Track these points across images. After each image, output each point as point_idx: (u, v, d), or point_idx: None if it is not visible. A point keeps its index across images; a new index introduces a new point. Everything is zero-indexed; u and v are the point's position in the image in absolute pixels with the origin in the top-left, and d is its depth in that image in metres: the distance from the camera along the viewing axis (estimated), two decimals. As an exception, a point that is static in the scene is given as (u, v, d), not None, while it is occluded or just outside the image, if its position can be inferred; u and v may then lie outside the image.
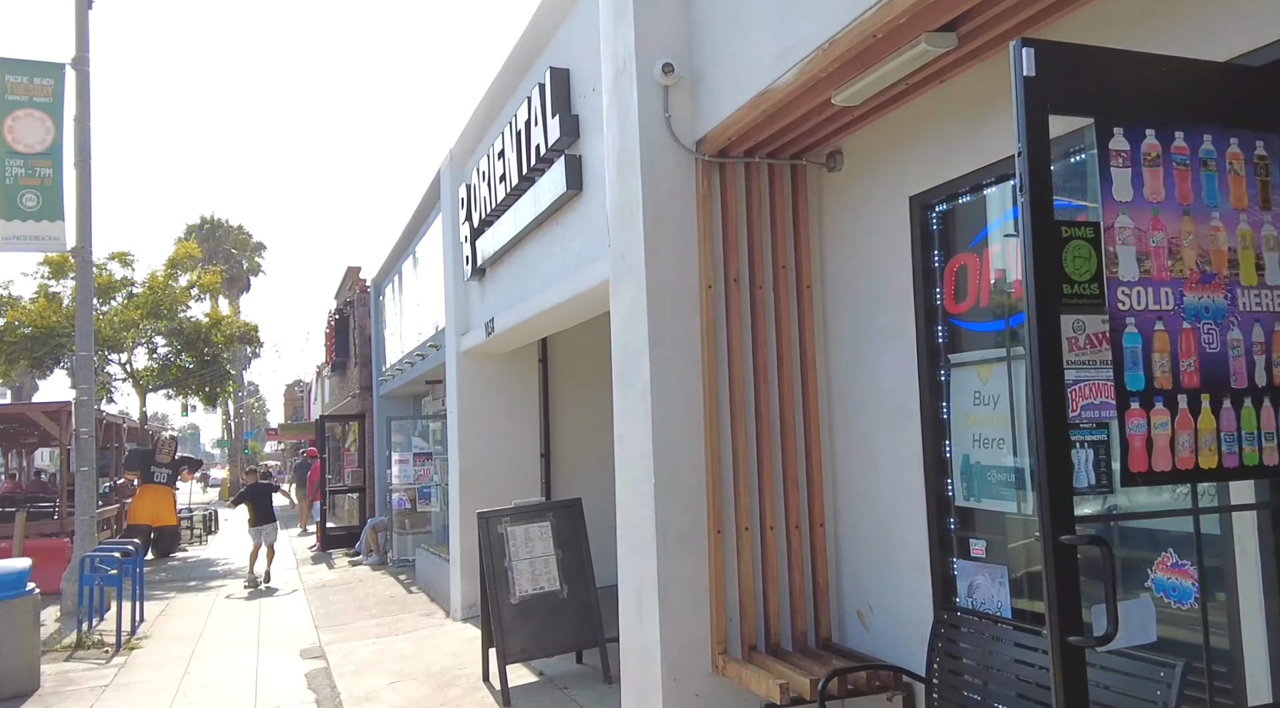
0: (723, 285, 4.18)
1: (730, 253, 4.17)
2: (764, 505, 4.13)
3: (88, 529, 11.51)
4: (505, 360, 9.70)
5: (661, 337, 4.10)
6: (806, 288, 4.29)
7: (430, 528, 14.40)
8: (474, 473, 9.53)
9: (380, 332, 17.17)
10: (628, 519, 4.34)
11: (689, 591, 4.00)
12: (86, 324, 12.08)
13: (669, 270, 4.13)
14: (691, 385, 4.11)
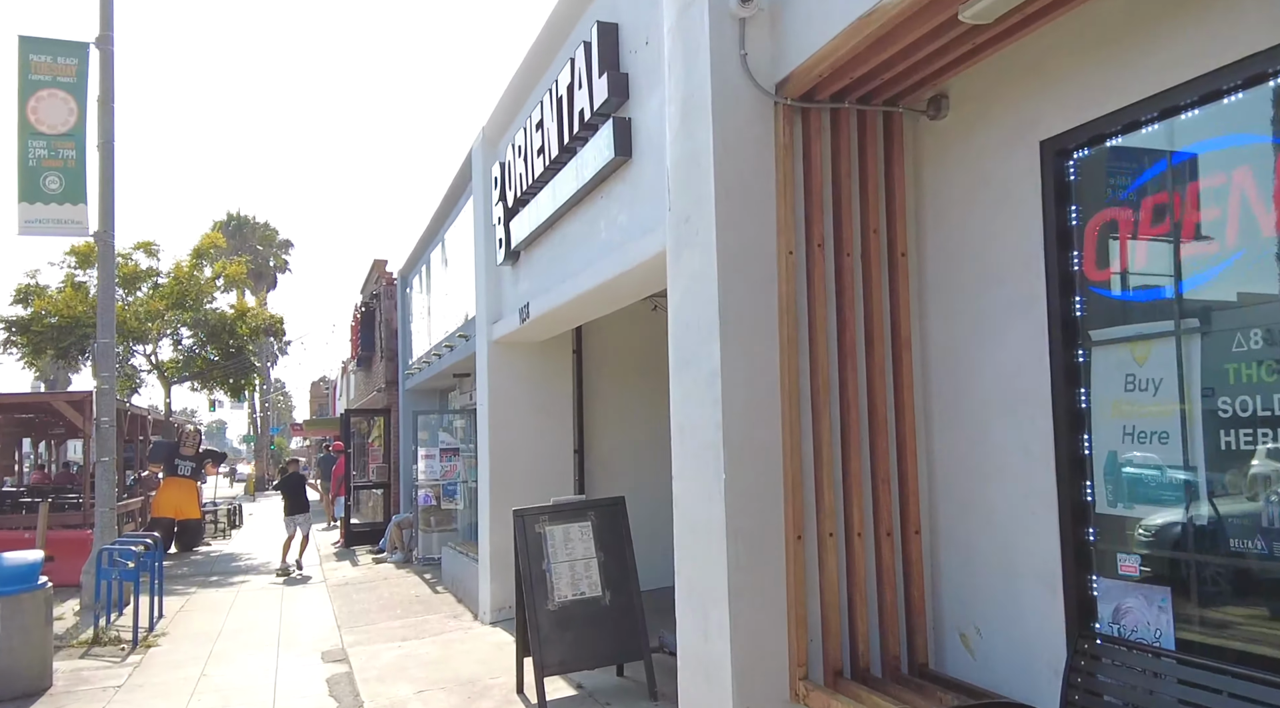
0: (804, 252, 3.61)
1: (814, 214, 3.60)
2: (850, 509, 3.56)
3: (107, 522, 11.14)
4: (538, 350, 9.19)
5: (734, 312, 3.54)
6: (901, 255, 3.71)
7: (456, 526, 13.94)
8: (504, 469, 9.02)
9: (407, 325, 16.75)
10: (690, 520, 3.79)
11: (764, 605, 3.44)
12: (108, 311, 11.72)
13: (743, 234, 3.57)
14: (768, 369, 3.55)
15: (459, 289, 11.54)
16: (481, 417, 9.27)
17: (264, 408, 49.69)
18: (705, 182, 3.65)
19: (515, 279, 8.50)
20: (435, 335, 13.82)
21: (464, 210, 10.84)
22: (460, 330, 11.02)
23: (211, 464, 18.69)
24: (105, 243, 11.58)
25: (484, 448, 9.13)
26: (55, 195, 11.43)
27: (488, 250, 9.08)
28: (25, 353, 16.76)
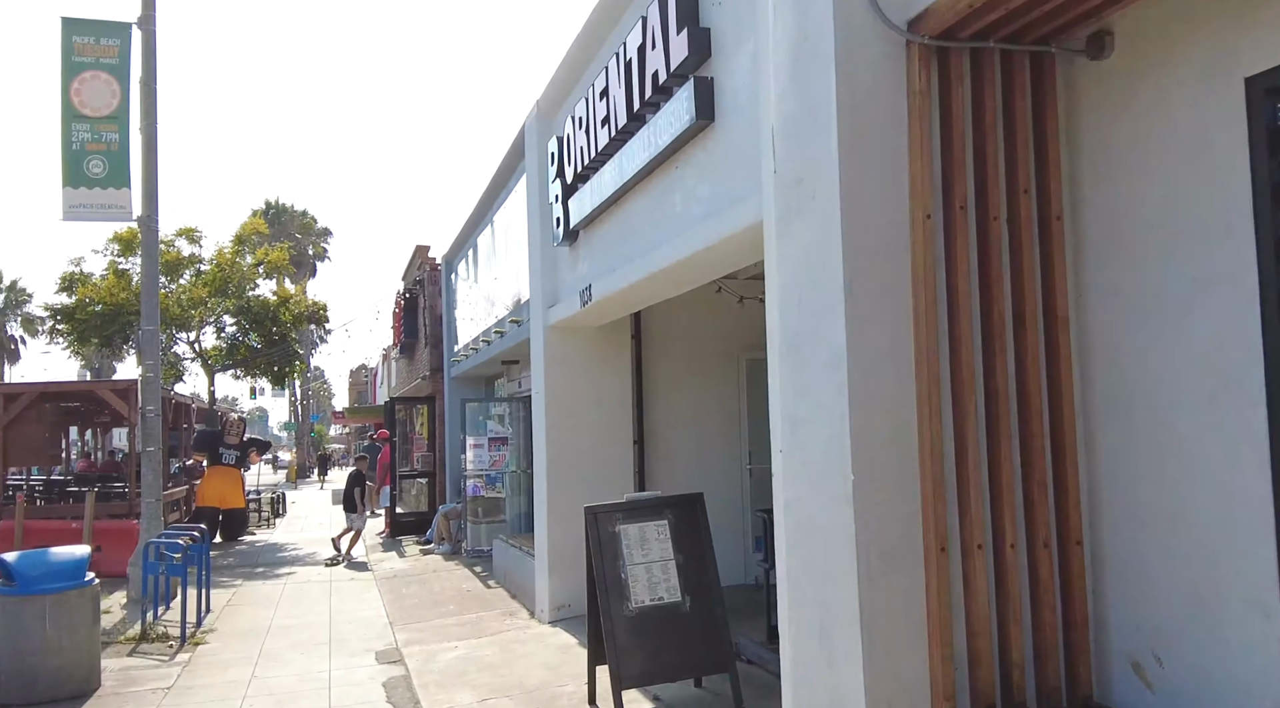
0: (943, 216, 3.11)
1: (954, 172, 3.10)
2: (1000, 515, 3.06)
3: (153, 513, 10.95)
4: (595, 335, 8.74)
5: (862, 286, 3.05)
6: (1055, 220, 3.19)
7: (504, 517, 13.60)
8: (562, 460, 8.61)
9: (451, 311, 16.42)
10: (804, 528, 3.32)
11: (900, 627, 2.96)
12: (152, 297, 11.50)
13: (872, 197, 3.08)
14: (901, 351, 3.06)
15: (509, 273, 11.13)
16: (538, 406, 8.86)
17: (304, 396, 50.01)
18: (824, 138, 3.15)
19: (574, 260, 8.05)
20: (482, 322, 13.45)
21: (515, 190, 10.41)
22: (511, 315, 10.62)
23: (255, 453, 18.59)
24: (149, 228, 11.34)
25: (540, 438, 8.72)
26: (98, 179, 11.21)
27: (543, 231, 8.64)
28: (70, 341, 16.71)
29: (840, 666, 3.04)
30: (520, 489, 13.29)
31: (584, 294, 7.38)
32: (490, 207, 12.37)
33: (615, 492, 8.76)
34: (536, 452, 8.96)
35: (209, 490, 17.22)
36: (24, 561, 6.66)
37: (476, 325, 13.83)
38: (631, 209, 6.44)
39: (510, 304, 11.04)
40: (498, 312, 11.82)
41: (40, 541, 13.52)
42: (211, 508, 17.33)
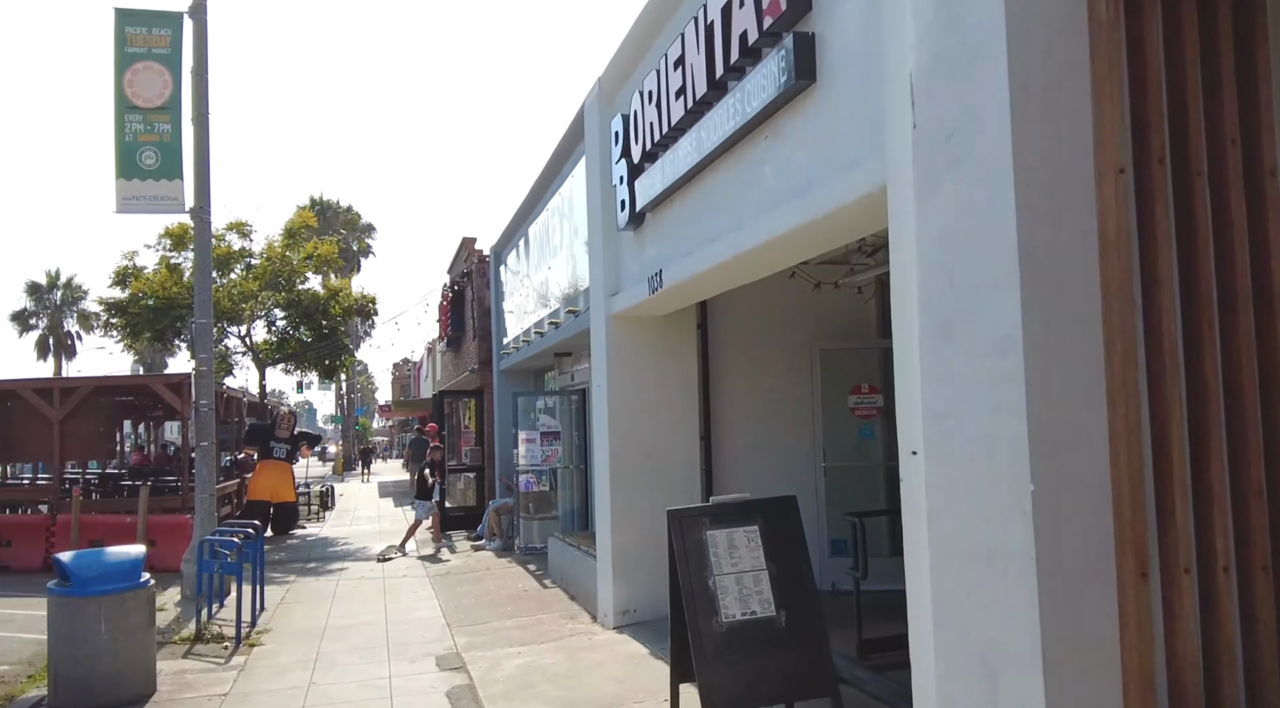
0: (1136, 171, 2.60)
1: (1150, 117, 2.58)
2: (1210, 533, 2.55)
3: (207, 508, 10.75)
4: (660, 325, 8.29)
5: (1037, 255, 2.55)
6: (1269, 175, 2.66)
7: (556, 513, 13.24)
8: (625, 457, 8.18)
9: (499, 304, 16.09)
10: (958, 547, 2.83)
11: (1093, 669, 2.46)
12: (205, 290, 11.30)
13: (1049, 149, 2.58)
14: (1087, 333, 2.55)
15: (564, 263, 10.72)
16: (599, 399, 8.44)
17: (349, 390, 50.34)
18: (989, 81, 2.65)
19: (640, 246, 7.60)
20: (533, 314, 13.09)
21: (572, 176, 9.99)
22: (567, 306, 10.21)
23: (306, 446, 18.47)
24: (201, 219, 11.14)
25: (602, 434, 8.30)
26: (151, 171, 11.04)
27: (605, 216, 8.20)
28: (124, 335, 16.72)
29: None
30: (573, 485, 12.92)
31: (653, 280, 6.93)
32: (542, 195, 11.98)
33: (681, 491, 8.33)
34: (597, 448, 8.54)
35: (260, 484, 17.11)
36: (79, 560, 6.41)
37: (527, 318, 13.46)
38: (711, 186, 5.96)
39: (565, 294, 10.63)
40: (551, 303, 11.42)
41: (95, 535, 13.49)
42: (263, 502, 17.22)
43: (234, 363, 19.06)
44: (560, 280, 10.90)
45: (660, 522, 8.33)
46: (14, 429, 13.65)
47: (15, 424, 13.67)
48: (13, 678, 7.28)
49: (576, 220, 9.81)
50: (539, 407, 13.31)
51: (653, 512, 8.21)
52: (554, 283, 11.21)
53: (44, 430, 13.42)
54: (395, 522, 19.79)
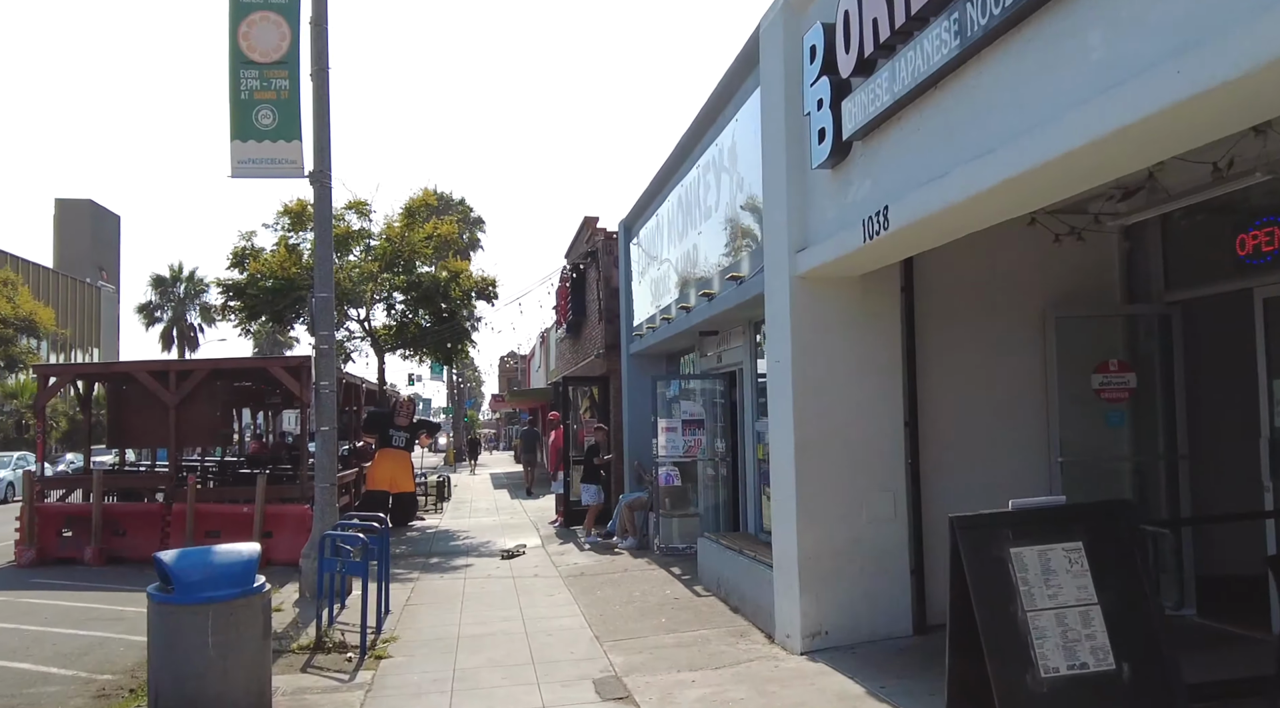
0: None
1: None
2: None
3: (328, 499, 9.86)
4: (856, 288, 6.83)
5: None
6: None
7: (696, 510, 11.91)
8: (814, 447, 6.75)
9: (629, 284, 14.85)
10: None
11: None
12: (326, 262, 10.43)
13: None
14: None
15: (718, 226, 9.36)
16: (780, 378, 7.03)
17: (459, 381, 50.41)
18: None
19: (843, 184, 6.15)
20: (671, 291, 11.79)
21: (735, 120, 8.60)
22: (728, 273, 8.83)
23: (425, 435, 17.74)
24: (321, 185, 10.26)
25: (785, 419, 6.89)
26: (268, 131, 10.20)
27: (791, 156, 6.78)
28: (241, 318, 16.26)
29: None
30: (717, 479, 11.56)
31: (873, 223, 5.46)
32: (687, 154, 10.63)
33: (881, 489, 6.85)
34: (778, 436, 7.13)
35: (379, 474, 16.43)
36: (184, 561, 5.41)
37: (665, 296, 12.17)
38: (974, 85, 4.48)
39: (721, 262, 9.26)
40: (701, 273, 10.07)
41: (211, 525, 12.92)
42: (381, 492, 16.55)
43: (352, 349, 18.48)
44: (714, 246, 9.53)
45: (856, 526, 6.91)
46: (129, 413, 13.22)
47: (130, 408, 13.23)
48: (114, 690, 6.41)
49: (742, 172, 8.42)
50: (681, 392, 12.00)
51: (846, 513, 6.77)
52: (706, 250, 9.85)
53: (159, 415, 12.92)
54: (514, 515, 18.89)
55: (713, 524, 11.68)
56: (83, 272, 53.24)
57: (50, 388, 13.03)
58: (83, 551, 12.15)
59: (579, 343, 19.90)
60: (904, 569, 6.86)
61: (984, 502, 7.14)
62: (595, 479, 14.20)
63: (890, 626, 6.79)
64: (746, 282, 8.33)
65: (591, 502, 14.19)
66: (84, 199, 58.26)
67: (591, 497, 14.17)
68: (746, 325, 9.81)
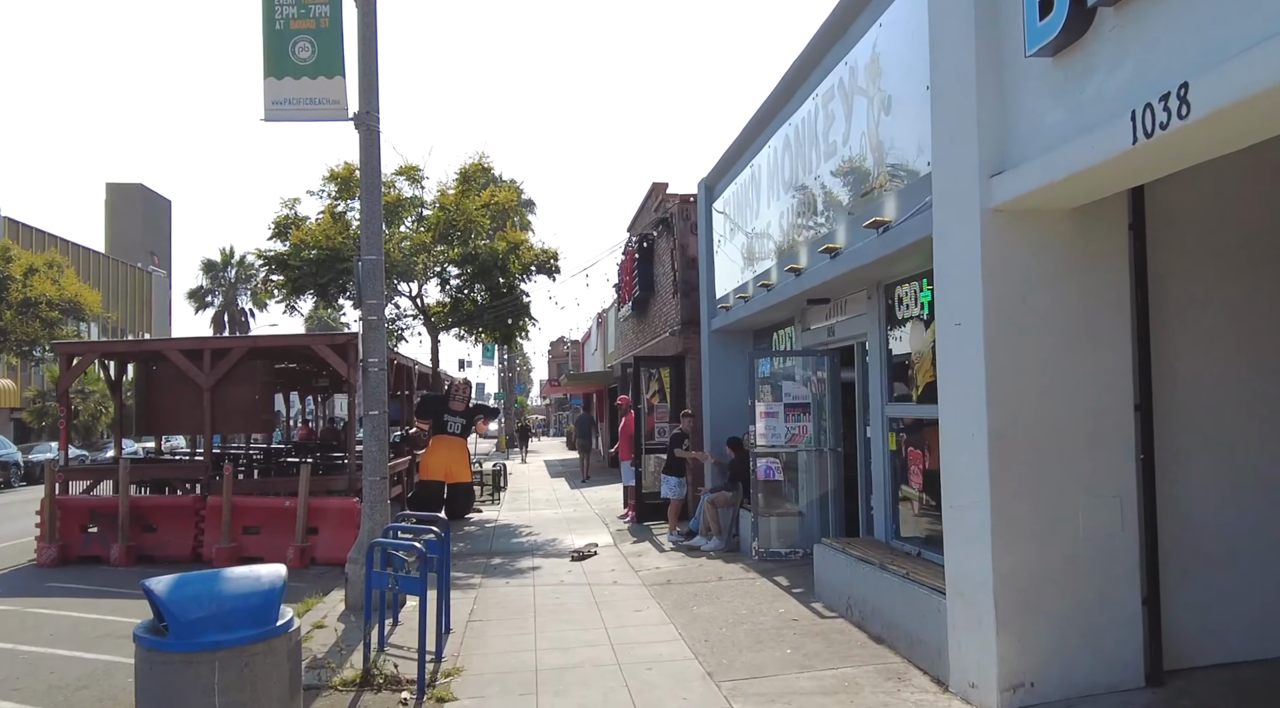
0: None
1: None
2: None
3: (377, 494, 8.42)
4: (1066, 227, 5.11)
5: None
6: None
7: (797, 508, 10.26)
8: (1014, 439, 5.07)
9: (710, 251, 13.18)
10: None
11: None
12: (374, 220, 8.97)
13: None
14: None
15: (846, 165, 7.65)
16: (959, 347, 5.33)
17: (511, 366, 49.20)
18: None
19: (1081, 72, 4.42)
20: (768, 256, 10.13)
21: (880, 24, 6.86)
22: (864, 218, 7.11)
23: (483, 420, 16.30)
24: (368, 127, 8.79)
25: (970, 401, 5.20)
26: (306, 66, 8.74)
27: (984, 47, 5.07)
28: (284, 293, 14.94)
29: None
30: (825, 472, 9.89)
31: (1154, 113, 3.73)
32: (800, 84, 8.91)
33: (1104, 490, 5.16)
34: (956, 423, 5.44)
35: (433, 462, 15.07)
36: (183, 591, 3.92)
37: (761, 261, 10.51)
38: None
39: (853, 206, 7.56)
40: (820, 224, 8.38)
41: (250, 520, 11.57)
42: (436, 482, 15.19)
43: (404, 328, 17.09)
44: (840, 190, 7.83)
45: (1069, 541, 5.15)
46: (160, 397, 11.94)
47: (161, 391, 11.95)
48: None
49: (888, 88, 6.71)
50: (778, 372, 10.33)
51: (1057, 525, 5.06)
52: (827, 195, 8.13)
53: (193, 398, 11.65)
54: (577, 506, 17.42)
55: (817, 526, 10.03)
56: (134, 256, 53.12)
57: (74, 368, 11.81)
58: (108, 549, 10.92)
59: (646, 321, 18.30)
60: (1133, 599, 5.15)
61: (1250, 512, 5.42)
62: (678, 471, 12.63)
63: (1114, 675, 5.11)
64: (893, 228, 6.62)
65: (672, 496, 12.63)
66: (135, 183, 58.18)
67: (672, 490, 12.61)
68: (874, 289, 8.11)
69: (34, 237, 38.07)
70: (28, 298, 27.03)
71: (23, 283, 27.19)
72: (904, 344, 7.74)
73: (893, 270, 7.52)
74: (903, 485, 7.69)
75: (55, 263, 29.04)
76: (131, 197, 57.88)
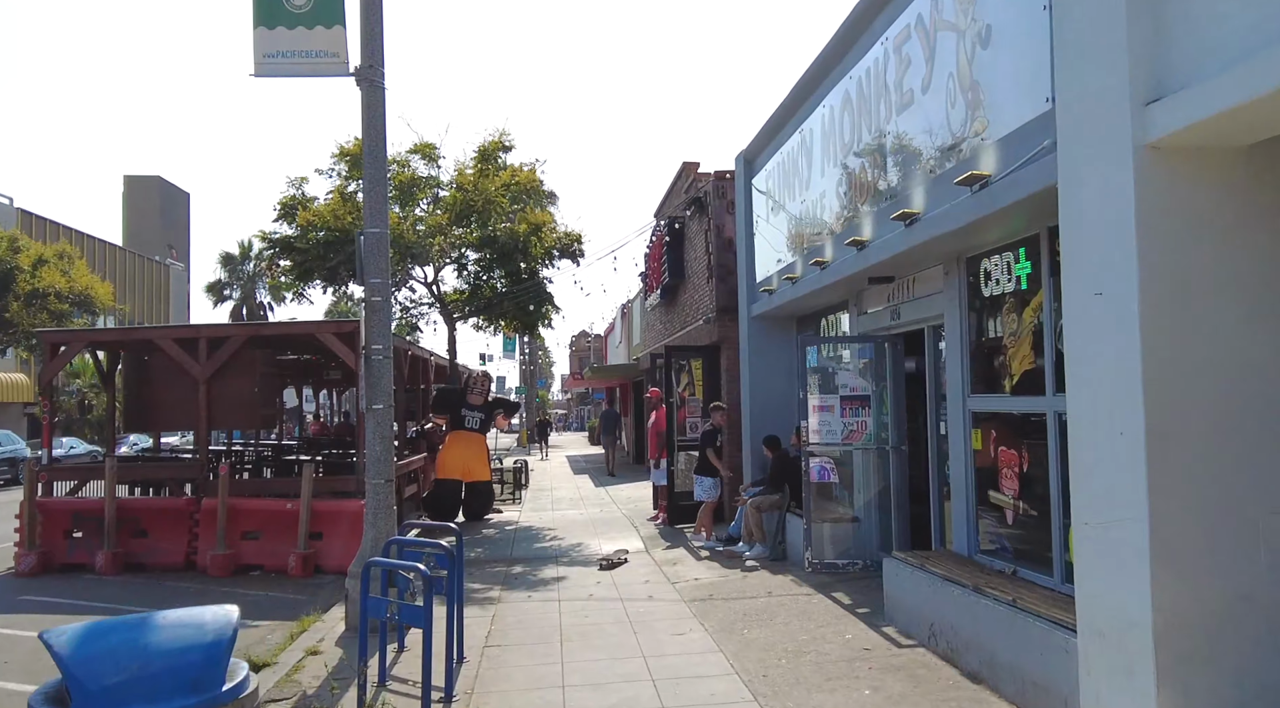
0: None
1: None
2: None
3: (381, 501, 7.42)
4: (1237, 169, 3.97)
5: None
6: None
7: (852, 513, 9.17)
8: (1181, 439, 3.93)
9: (749, 231, 12.07)
10: None
11: None
12: (378, 187, 7.95)
13: None
14: None
15: (927, 115, 6.53)
16: (1098, 321, 4.20)
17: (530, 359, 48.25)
18: None
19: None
20: (821, 230, 9.03)
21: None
22: (955, 174, 5.98)
23: (503, 415, 15.32)
24: (371, 83, 7.78)
25: (1119, 390, 4.07)
26: (302, 14, 7.76)
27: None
28: (291, 280, 13.99)
29: None
30: (887, 474, 8.78)
31: None
32: (864, 30, 7.78)
33: None
34: (1093, 419, 4.30)
35: (451, 460, 14.11)
36: (94, 646, 2.91)
37: (811, 238, 9.40)
38: None
39: (936, 163, 6.44)
40: (892, 184, 7.25)
41: (249, 524, 10.47)
42: (453, 481, 14.24)
43: (418, 316, 16.10)
44: (921, 143, 6.69)
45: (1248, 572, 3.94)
46: (152, 389, 10.99)
47: (153, 383, 11.00)
48: None
49: (984, 16, 5.58)
50: (828, 362, 9.22)
51: (1233, 550, 3.94)
52: (906, 148, 6.99)
53: (188, 391, 10.70)
54: (603, 506, 16.39)
55: (875, 534, 8.93)
56: (152, 249, 52.62)
57: (59, 357, 10.89)
58: (94, 556, 9.99)
59: (676, 309, 17.21)
60: (1330, 646, 3.99)
61: None
62: (713, 471, 11.56)
63: (1306, 742, 3.96)
64: (993, 184, 5.50)
65: (706, 497, 11.57)
66: (153, 176, 57.68)
67: (707, 491, 11.55)
68: (953, 264, 6.99)
69: (48, 228, 37.51)
70: (36, 289, 26.32)
71: (31, 274, 26.50)
72: (992, 326, 6.62)
73: (980, 239, 6.40)
74: (991, 491, 6.58)
75: (65, 254, 28.34)
76: (149, 189, 57.40)
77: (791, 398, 11.69)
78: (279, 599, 9.06)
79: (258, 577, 10.13)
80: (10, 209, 35.37)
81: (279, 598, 9.13)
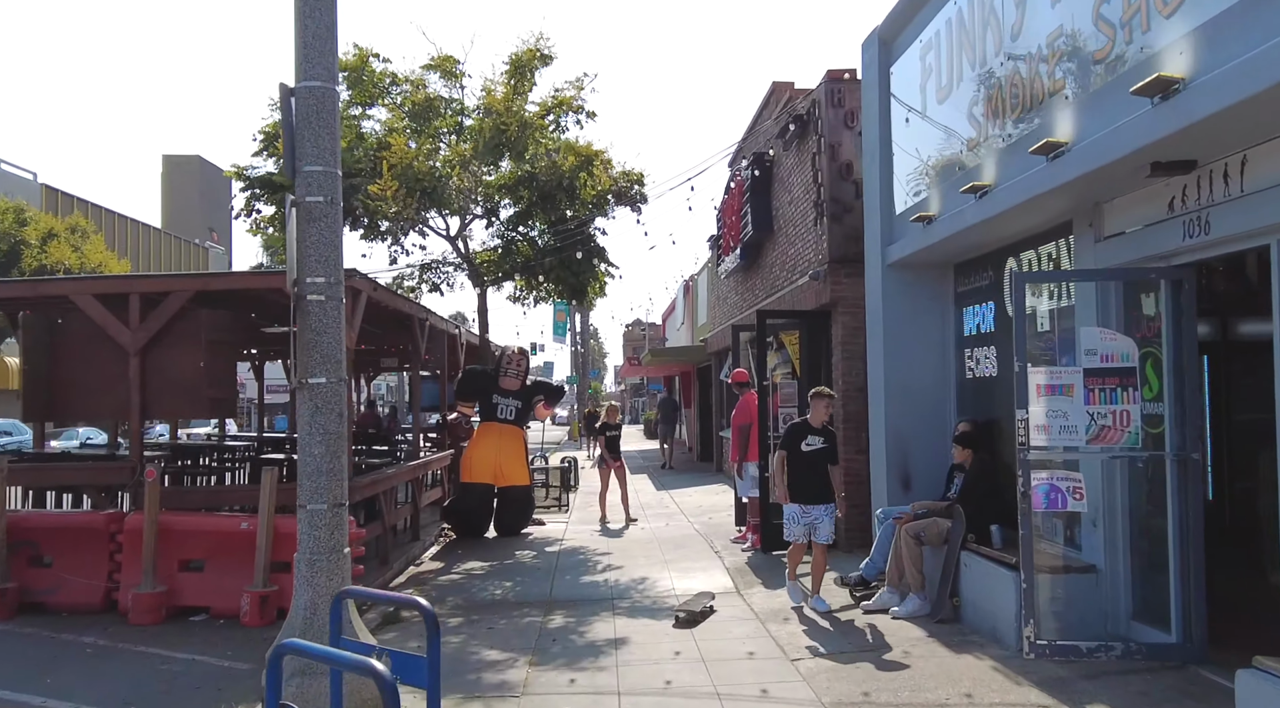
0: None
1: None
2: None
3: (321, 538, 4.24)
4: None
5: None
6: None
7: (1088, 561, 5.74)
8: None
9: (887, 142, 8.59)
10: None
11: None
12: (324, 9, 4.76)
13: None
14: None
15: None
16: None
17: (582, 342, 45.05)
18: None
19: None
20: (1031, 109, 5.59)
21: None
22: None
23: (545, 403, 12.14)
24: None
25: None
26: None
27: None
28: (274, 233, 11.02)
29: None
30: (1163, 497, 5.32)
31: None
32: None
33: None
34: None
35: (479, 460, 11.00)
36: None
37: (1012, 119, 5.96)
38: None
39: None
40: None
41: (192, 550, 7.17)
42: (482, 486, 11.13)
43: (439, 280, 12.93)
44: None
45: None
46: (68, 365, 7.97)
47: (70, 357, 7.98)
48: None
49: None
50: (1065, 315, 5.77)
51: None
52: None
53: (115, 366, 7.69)
54: (669, 518, 13.11)
55: (1131, 593, 5.50)
56: (192, 232, 50.85)
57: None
58: (-33, 594, 7.00)
59: (760, 272, 13.77)
60: None
61: None
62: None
63: None
64: None
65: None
66: (192, 155, 56.03)
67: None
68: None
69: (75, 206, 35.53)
70: (43, 265, 24.03)
71: (39, 248, 24.21)
72: None
73: None
74: None
75: (79, 227, 26.04)
76: (189, 169, 55.72)
77: (945, 380, 8.23)
78: (213, 670, 5.98)
79: (199, 624, 7.09)
80: (34, 184, 33.43)
81: (214, 668, 6.04)
